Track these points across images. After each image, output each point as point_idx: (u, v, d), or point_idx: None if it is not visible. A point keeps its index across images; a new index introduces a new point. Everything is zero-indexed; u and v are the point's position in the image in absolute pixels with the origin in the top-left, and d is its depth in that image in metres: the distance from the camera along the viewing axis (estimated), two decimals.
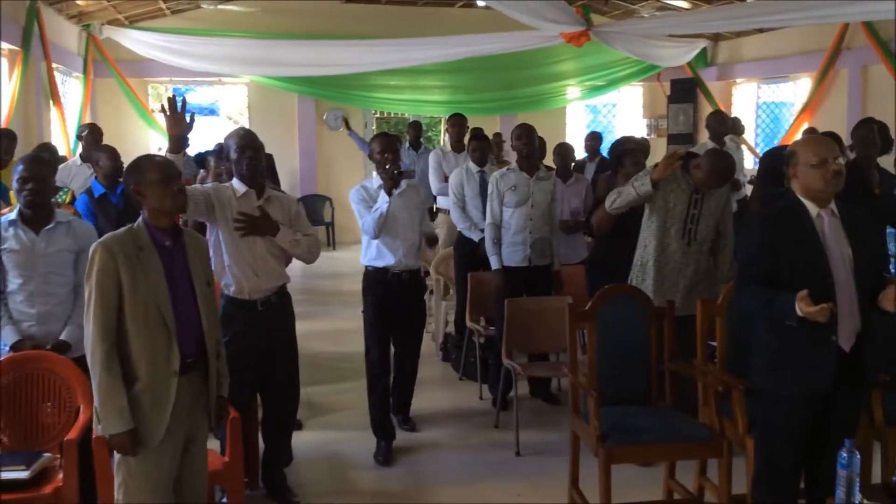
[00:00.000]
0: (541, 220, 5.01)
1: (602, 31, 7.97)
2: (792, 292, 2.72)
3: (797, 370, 2.90)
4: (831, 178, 2.86)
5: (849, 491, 2.64)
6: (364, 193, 4.35)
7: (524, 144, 5.01)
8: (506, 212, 5.02)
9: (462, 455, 4.40)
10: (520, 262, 5.01)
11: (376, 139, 4.44)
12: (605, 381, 3.61)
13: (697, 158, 4.18)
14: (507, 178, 5.02)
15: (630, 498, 3.63)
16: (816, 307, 2.66)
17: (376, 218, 4.22)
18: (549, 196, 5.05)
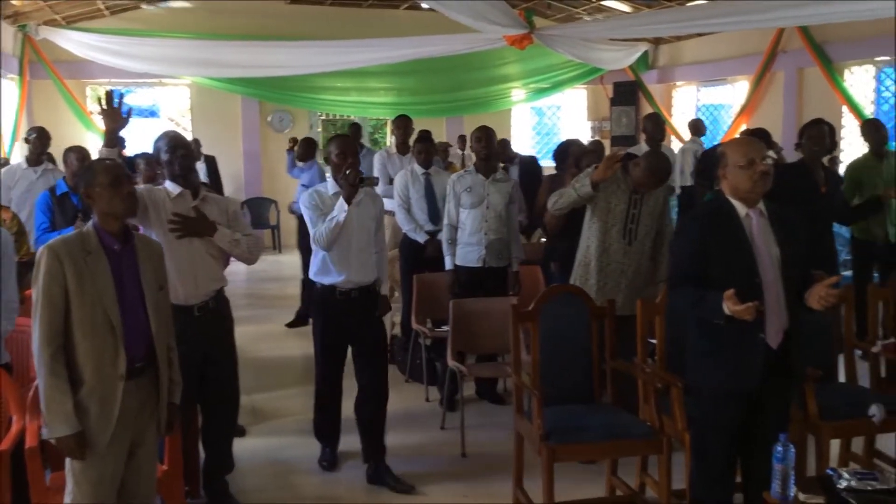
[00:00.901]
0: (497, 222, 5.04)
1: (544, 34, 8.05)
2: (720, 291, 2.77)
3: (726, 367, 2.97)
4: (758, 179, 2.92)
5: (784, 484, 2.71)
6: (317, 199, 4.01)
7: (483, 146, 5.07)
8: (462, 213, 5.06)
9: (408, 457, 4.39)
10: (475, 262, 5.05)
11: (334, 141, 4.13)
12: (549, 380, 3.65)
13: (636, 159, 4.25)
14: (463, 180, 5.07)
15: (573, 496, 3.68)
16: (743, 306, 2.71)
17: (331, 228, 3.86)
18: (506, 198, 5.09)
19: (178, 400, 2.99)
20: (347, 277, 4.01)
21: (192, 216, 3.57)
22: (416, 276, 5.55)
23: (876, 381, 3.95)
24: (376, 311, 4.16)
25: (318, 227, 3.92)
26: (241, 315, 7.14)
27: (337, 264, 4.00)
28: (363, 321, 4.10)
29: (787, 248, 2.97)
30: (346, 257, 4.00)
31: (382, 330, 4.34)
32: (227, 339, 3.85)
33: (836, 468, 2.87)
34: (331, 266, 4.01)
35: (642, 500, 3.67)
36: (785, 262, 2.95)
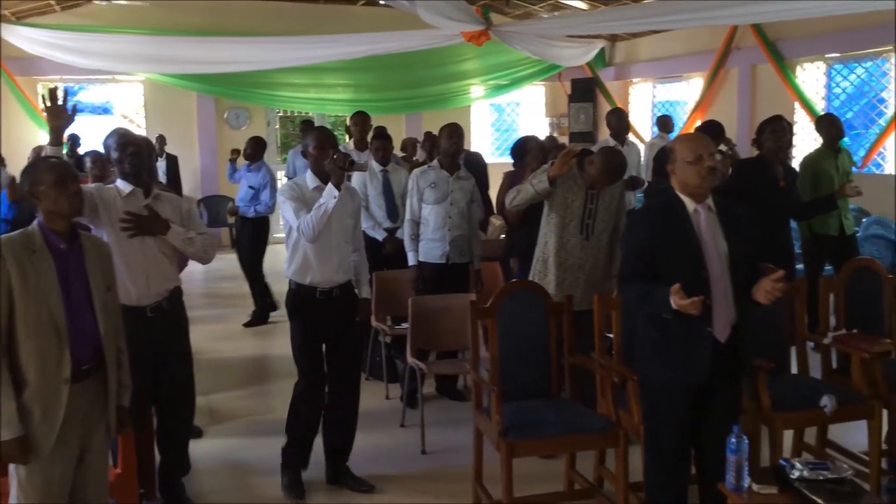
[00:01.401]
0: (460, 219, 5.07)
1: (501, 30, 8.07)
2: (668, 286, 2.80)
3: (675, 361, 3.00)
4: (706, 174, 2.95)
5: (738, 475, 2.75)
6: (298, 191, 3.84)
7: (454, 143, 5.07)
8: (425, 208, 5.06)
9: (368, 455, 4.37)
10: (438, 258, 5.06)
11: (312, 133, 3.95)
12: (507, 376, 3.65)
13: (591, 156, 4.27)
14: (427, 175, 5.08)
15: (533, 491, 3.71)
16: (688, 300, 2.74)
17: (320, 216, 3.65)
18: (468, 195, 5.12)
19: (127, 403, 2.92)
20: (328, 276, 3.86)
21: (145, 214, 3.50)
22: (376, 273, 5.50)
23: (827, 372, 4.03)
24: (356, 311, 4.04)
25: (302, 217, 3.71)
26: (198, 315, 7.15)
27: (318, 262, 3.82)
28: (344, 322, 3.95)
29: (735, 242, 3.01)
30: (327, 254, 3.83)
31: (359, 337, 4.25)
32: (181, 340, 3.79)
33: (789, 459, 2.92)
34: (312, 264, 3.83)
35: (600, 493, 3.70)
36: (732, 256, 2.99)
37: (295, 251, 3.87)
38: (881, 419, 3.63)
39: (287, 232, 3.89)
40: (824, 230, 6.08)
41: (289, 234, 3.88)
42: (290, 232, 3.86)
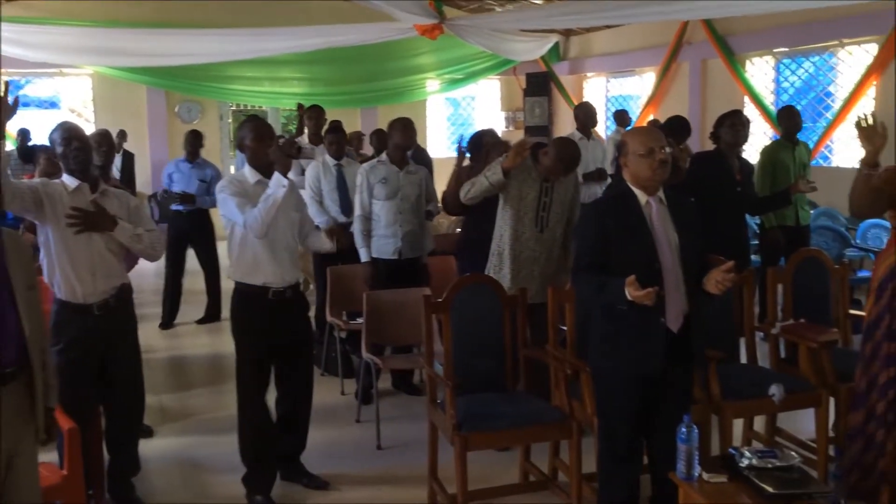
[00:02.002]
0: (411, 213, 5.05)
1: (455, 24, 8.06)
2: (622, 278, 2.82)
3: (629, 351, 3.03)
4: (658, 167, 2.98)
5: (688, 464, 2.78)
6: (239, 186, 3.63)
7: (408, 138, 5.06)
8: (375, 204, 5.01)
9: (323, 451, 4.33)
10: (390, 254, 5.02)
11: (247, 124, 3.70)
12: (462, 370, 3.66)
13: (545, 147, 4.29)
14: (377, 171, 5.02)
15: (488, 483, 3.72)
16: (643, 291, 2.77)
17: (268, 207, 3.45)
18: (417, 189, 5.10)
19: (54, 404, 2.78)
20: (282, 274, 3.67)
21: (91, 210, 3.42)
22: (330, 268, 5.48)
23: (776, 361, 4.10)
24: (307, 310, 3.93)
25: (248, 211, 3.51)
26: (149, 312, 7.05)
27: (269, 260, 3.63)
28: (297, 326, 3.83)
29: (686, 234, 3.04)
30: (277, 251, 3.65)
31: (311, 331, 4.17)
32: (129, 338, 3.70)
33: (739, 447, 2.97)
34: (263, 262, 3.63)
35: (554, 484, 3.72)
36: (683, 248, 3.02)
37: (243, 250, 3.66)
38: (828, 407, 3.70)
39: (230, 230, 3.68)
40: (781, 220, 6.20)
41: (231, 232, 3.67)
42: (233, 230, 3.66)
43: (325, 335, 5.70)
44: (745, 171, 5.08)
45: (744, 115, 5.20)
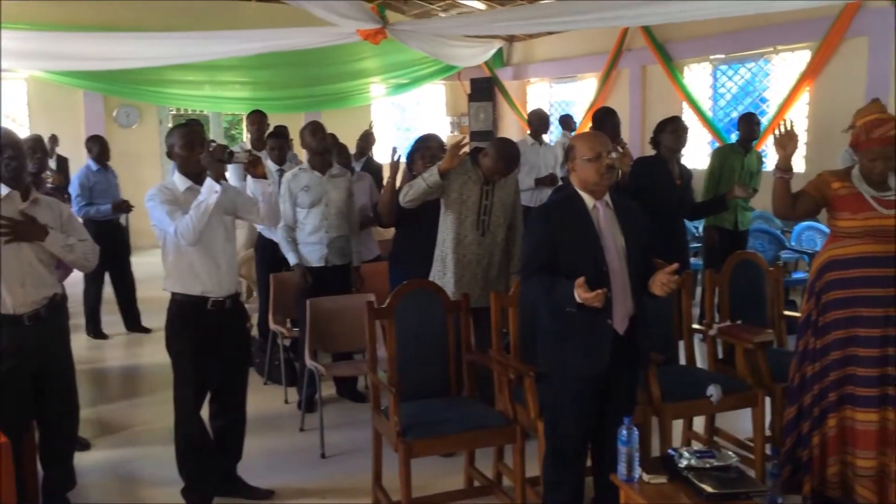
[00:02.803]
0: (338, 219, 4.96)
1: (398, 29, 8.04)
2: (570, 280, 2.86)
3: (577, 354, 3.06)
4: (605, 172, 3.02)
5: (629, 466, 2.82)
6: (169, 194, 3.52)
7: (318, 141, 4.94)
8: (300, 212, 4.93)
9: (266, 461, 4.28)
10: (317, 262, 4.94)
11: (176, 131, 3.60)
12: (406, 376, 3.64)
13: (484, 148, 4.30)
14: (298, 179, 4.93)
15: (433, 489, 3.72)
16: (592, 293, 2.80)
17: (200, 213, 3.36)
18: (344, 193, 5.01)
19: None
20: (219, 282, 3.58)
21: (20, 220, 3.31)
22: (273, 275, 5.42)
23: (713, 362, 4.17)
24: (246, 321, 3.85)
25: (179, 218, 3.41)
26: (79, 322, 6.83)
27: (205, 268, 3.55)
28: (235, 335, 3.74)
29: (631, 237, 3.09)
30: (213, 258, 3.56)
31: (250, 342, 4.09)
32: (62, 350, 3.59)
33: (678, 448, 3.01)
34: (199, 271, 3.54)
35: (499, 489, 3.73)
36: (629, 250, 3.07)
37: (178, 259, 3.55)
38: (764, 406, 3.78)
39: (162, 240, 3.57)
40: (719, 223, 6.36)
41: (164, 241, 3.57)
42: (165, 239, 3.55)
43: (268, 343, 5.63)
44: (684, 176, 5.18)
45: (682, 121, 5.30)
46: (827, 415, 3.39)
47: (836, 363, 3.37)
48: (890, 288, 3.30)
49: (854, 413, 3.34)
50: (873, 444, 3.32)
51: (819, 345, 3.41)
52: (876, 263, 3.30)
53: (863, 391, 3.32)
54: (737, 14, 6.79)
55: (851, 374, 3.35)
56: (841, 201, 3.35)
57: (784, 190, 3.38)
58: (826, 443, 3.41)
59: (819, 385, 3.41)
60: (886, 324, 3.30)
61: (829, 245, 3.46)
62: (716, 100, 10.33)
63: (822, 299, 3.40)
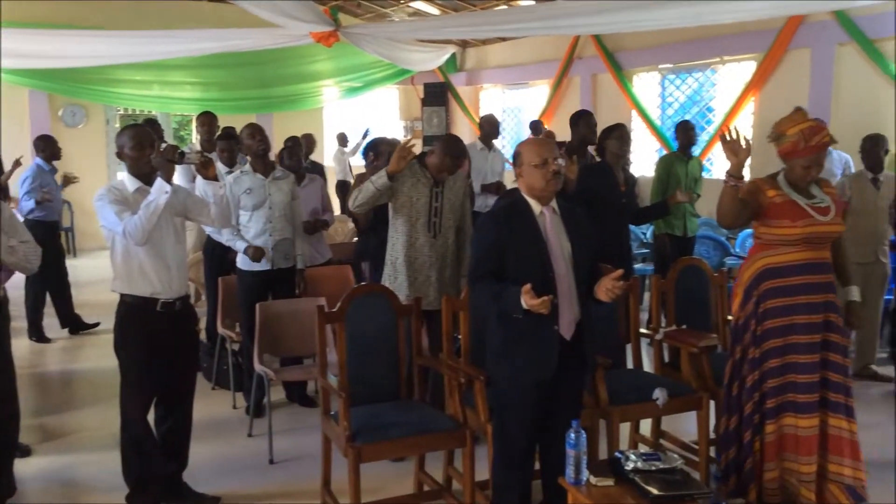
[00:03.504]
0: (282, 221, 4.93)
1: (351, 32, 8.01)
2: (518, 286, 2.87)
3: (524, 359, 3.08)
4: (551, 178, 3.05)
5: (577, 469, 2.85)
6: (118, 194, 3.48)
7: (259, 142, 4.90)
8: (243, 215, 4.89)
9: (213, 467, 4.23)
10: (261, 265, 4.89)
11: (126, 132, 3.53)
12: (357, 380, 3.63)
13: (430, 148, 4.32)
14: (241, 182, 4.89)
15: (383, 494, 3.70)
16: (539, 300, 2.83)
17: (150, 213, 3.33)
18: (288, 196, 4.98)
19: None
20: (169, 283, 3.55)
21: None
22: (222, 278, 5.36)
23: (660, 366, 4.24)
24: (196, 324, 3.81)
25: (127, 218, 3.36)
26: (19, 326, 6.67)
27: (155, 269, 3.51)
28: (184, 339, 3.71)
29: (578, 243, 3.12)
30: (162, 259, 3.52)
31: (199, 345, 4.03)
32: (2, 354, 3.51)
33: (625, 451, 3.04)
34: (149, 272, 3.50)
35: (448, 493, 3.74)
36: (575, 256, 3.10)
37: (127, 260, 3.50)
38: (708, 410, 3.85)
39: (111, 241, 3.53)
40: (669, 229, 6.49)
41: (113, 242, 3.52)
42: (114, 240, 3.51)
43: (216, 347, 5.56)
44: (629, 182, 5.26)
45: (626, 128, 5.37)
46: (765, 422, 3.44)
47: (774, 371, 3.41)
48: (825, 294, 3.40)
49: (797, 420, 3.38)
50: (815, 449, 3.39)
51: (757, 353, 3.43)
52: (813, 270, 3.38)
53: (804, 397, 3.37)
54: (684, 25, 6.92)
55: (792, 381, 3.39)
56: (778, 209, 3.38)
57: (733, 197, 3.37)
58: (764, 449, 3.46)
59: (758, 392, 3.45)
60: (826, 329, 3.39)
61: (762, 253, 3.46)
62: (664, 108, 10.52)
63: (760, 308, 3.42)
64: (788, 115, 3.44)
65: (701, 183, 6.75)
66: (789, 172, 3.41)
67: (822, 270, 3.40)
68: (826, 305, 3.40)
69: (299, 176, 5.52)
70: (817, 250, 3.39)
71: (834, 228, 3.40)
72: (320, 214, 5.79)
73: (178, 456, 3.86)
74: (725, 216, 3.42)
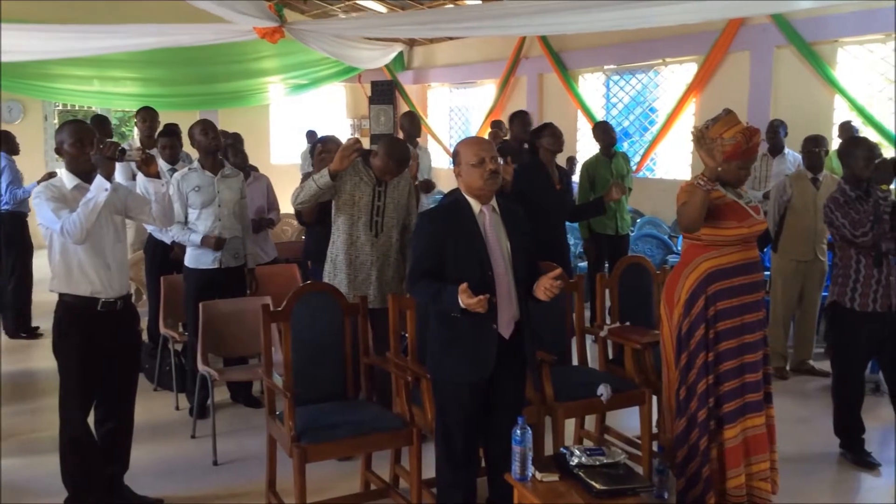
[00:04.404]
0: (231, 220, 4.86)
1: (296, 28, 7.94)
2: (456, 285, 2.88)
3: (463, 358, 3.09)
4: (489, 177, 3.06)
5: (522, 465, 2.87)
6: (57, 191, 3.40)
7: (212, 139, 4.82)
8: (192, 213, 4.81)
9: (156, 470, 4.15)
10: (210, 264, 4.82)
11: (67, 127, 3.45)
12: (302, 380, 3.60)
13: (374, 148, 4.31)
14: (189, 179, 4.81)
15: (329, 494, 3.68)
16: (476, 299, 2.84)
17: (88, 211, 3.26)
18: (237, 194, 4.92)
19: None
20: (110, 283, 3.46)
21: None
22: (164, 277, 5.27)
23: (604, 362, 4.30)
24: (137, 324, 3.72)
25: (65, 216, 3.28)
26: None
27: (95, 268, 3.43)
28: (125, 339, 3.61)
29: (517, 242, 3.14)
30: (101, 258, 3.45)
31: (141, 345, 3.95)
32: None
33: (570, 446, 3.08)
34: (89, 271, 3.42)
35: (395, 491, 3.73)
36: (514, 255, 3.12)
37: (65, 258, 3.42)
38: (651, 405, 3.91)
39: (49, 239, 3.44)
40: (602, 229, 6.59)
41: (51, 240, 3.44)
42: (52, 238, 3.42)
43: (158, 348, 5.46)
44: (563, 180, 5.31)
45: (556, 126, 5.37)
46: (723, 426, 3.41)
47: (731, 372, 3.41)
48: (760, 292, 3.50)
49: (753, 420, 3.42)
50: (766, 446, 3.45)
51: (711, 357, 3.42)
52: (752, 269, 3.46)
53: (754, 396, 3.43)
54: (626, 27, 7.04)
55: (748, 381, 3.42)
56: (724, 210, 3.40)
57: (704, 201, 3.29)
58: (724, 455, 3.42)
59: (713, 398, 3.42)
60: (763, 326, 3.49)
61: (705, 255, 3.43)
62: (608, 109, 10.66)
63: (710, 310, 3.41)
64: (722, 119, 3.38)
65: (630, 178, 6.87)
66: (725, 174, 3.38)
67: (757, 269, 3.51)
68: (761, 304, 3.51)
69: (245, 174, 5.45)
70: (750, 249, 3.47)
71: (762, 227, 3.50)
72: (265, 213, 5.73)
73: (119, 458, 3.77)
74: (696, 221, 3.33)
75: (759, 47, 8.44)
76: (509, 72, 11.59)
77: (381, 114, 13.60)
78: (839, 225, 4.08)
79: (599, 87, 10.77)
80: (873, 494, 4.00)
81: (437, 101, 13.62)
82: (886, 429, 4.58)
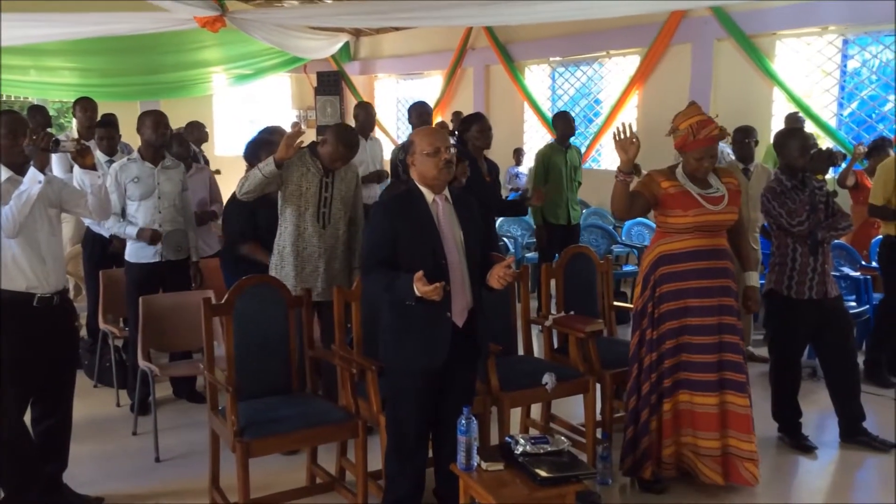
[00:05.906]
0: (171, 212, 4.77)
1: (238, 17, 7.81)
2: (410, 274, 2.90)
3: (417, 346, 3.10)
4: (443, 167, 3.07)
5: (468, 455, 2.89)
6: None
7: (160, 136, 4.72)
8: (130, 205, 4.70)
9: (96, 468, 4.06)
10: (150, 258, 4.73)
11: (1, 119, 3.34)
12: (246, 374, 3.56)
13: (322, 136, 4.26)
14: (128, 169, 4.70)
15: (274, 489, 3.65)
16: (431, 287, 2.86)
17: (21, 204, 3.21)
18: (178, 186, 4.82)
19: None
20: (46, 277, 3.39)
21: None
22: (103, 272, 5.15)
23: (549, 352, 4.34)
24: (75, 320, 3.65)
25: None
26: None
27: (29, 262, 3.36)
28: (62, 335, 3.55)
29: (469, 231, 3.16)
30: (36, 252, 3.38)
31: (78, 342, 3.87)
32: None
33: (514, 435, 3.10)
34: (23, 265, 3.34)
35: (341, 484, 3.70)
36: (467, 244, 3.14)
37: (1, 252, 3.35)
38: (595, 393, 3.95)
39: None
40: (554, 220, 6.64)
41: None
42: None
43: (98, 343, 5.34)
44: (492, 173, 5.33)
45: (486, 118, 5.39)
46: (662, 400, 3.67)
47: (669, 351, 3.64)
48: (719, 279, 3.61)
49: (692, 397, 3.65)
50: (715, 426, 3.64)
51: (655, 335, 3.66)
52: (706, 256, 3.62)
53: (700, 376, 3.63)
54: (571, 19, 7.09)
55: (686, 360, 3.64)
56: (671, 199, 3.60)
57: (624, 191, 3.55)
58: (661, 426, 3.68)
59: (656, 373, 3.66)
60: (720, 312, 3.62)
61: (659, 240, 3.70)
62: (554, 100, 10.73)
63: (656, 292, 3.65)
64: (684, 110, 3.66)
65: (581, 171, 6.95)
66: (685, 164, 3.64)
67: (716, 256, 3.63)
68: (721, 290, 3.62)
69: (186, 164, 5.34)
70: (712, 237, 3.63)
71: (726, 217, 3.63)
72: (208, 206, 5.63)
73: (58, 456, 3.68)
74: (619, 209, 3.64)
75: (700, 40, 8.57)
76: (456, 63, 11.59)
77: (328, 105, 13.48)
78: (776, 214, 4.17)
79: (545, 78, 10.84)
80: (811, 476, 4.12)
81: (384, 91, 13.55)
82: (823, 413, 4.71)
